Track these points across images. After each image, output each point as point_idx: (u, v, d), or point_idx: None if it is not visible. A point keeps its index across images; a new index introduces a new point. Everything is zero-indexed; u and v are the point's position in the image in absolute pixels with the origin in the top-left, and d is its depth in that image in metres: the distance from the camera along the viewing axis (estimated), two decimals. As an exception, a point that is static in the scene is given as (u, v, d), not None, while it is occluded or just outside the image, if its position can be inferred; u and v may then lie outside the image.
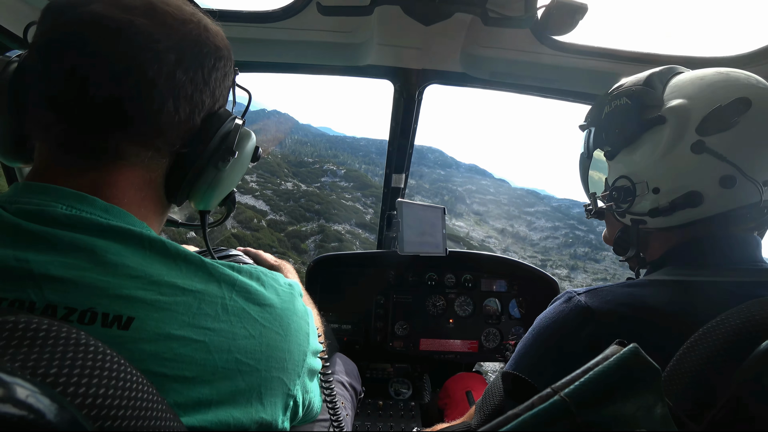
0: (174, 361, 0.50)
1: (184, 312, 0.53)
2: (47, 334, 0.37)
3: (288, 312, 0.65)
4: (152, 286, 0.52)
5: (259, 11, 1.32)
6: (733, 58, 1.32)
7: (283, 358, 0.62)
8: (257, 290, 0.62)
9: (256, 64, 1.56)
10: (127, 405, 0.38)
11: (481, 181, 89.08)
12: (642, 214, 0.88)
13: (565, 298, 0.84)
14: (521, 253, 49.90)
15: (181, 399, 0.50)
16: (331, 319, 2.18)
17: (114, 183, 0.58)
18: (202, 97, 0.62)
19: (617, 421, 0.38)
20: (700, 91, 0.81)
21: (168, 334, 0.51)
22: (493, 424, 0.40)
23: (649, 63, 1.35)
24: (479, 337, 2.23)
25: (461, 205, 71.82)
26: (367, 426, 1.86)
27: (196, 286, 0.55)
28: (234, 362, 0.55)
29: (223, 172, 0.68)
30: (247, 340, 0.57)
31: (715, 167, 0.77)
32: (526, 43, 1.35)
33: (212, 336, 0.54)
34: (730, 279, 0.77)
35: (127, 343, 0.48)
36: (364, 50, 1.45)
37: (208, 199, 0.71)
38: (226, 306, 0.57)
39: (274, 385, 0.60)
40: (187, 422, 0.49)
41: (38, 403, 0.29)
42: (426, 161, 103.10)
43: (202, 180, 0.67)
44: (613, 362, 0.39)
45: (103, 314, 0.48)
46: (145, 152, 0.60)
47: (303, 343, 0.68)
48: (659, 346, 0.59)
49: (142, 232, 0.56)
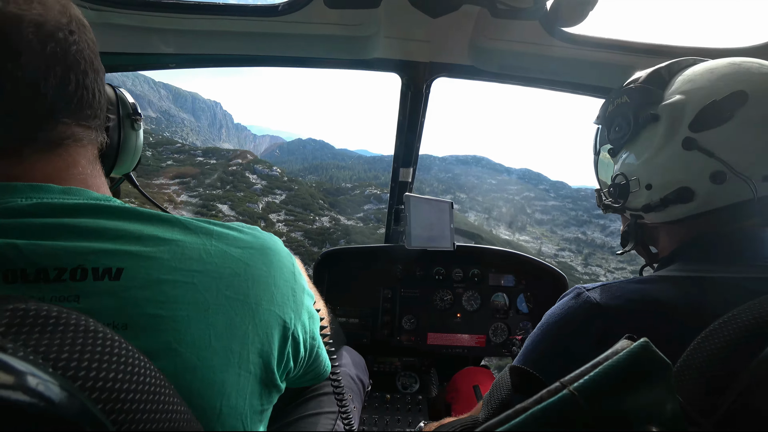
0: (167, 303, 0.53)
1: (170, 258, 0.55)
2: (57, 321, 0.37)
3: (269, 251, 0.67)
4: (135, 241, 0.55)
5: (266, 5, 1.32)
6: (752, 49, 1.28)
7: (271, 292, 0.64)
8: (236, 236, 0.64)
9: (263, 58, 1.56)
10: (136, 389, 0.39)
11: (538, 186, 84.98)
12: (637, 209, 0.92)
13: (575, 294, 0.84)
14: (606, 266, 46.53)
15: (180, 336, 0.53)
16: (338, 313, 2.19)
17: (76, 163, 0.61)
18: (102, 74, 0.65)
19: (627, 415, 0.37)
20: (701, 84, 0.81)
21: (158, 278, 0.53)
22: (502, 417, 0.40)
23: (663, 55, 1.32)
24: (487, 332, 2.22)
25: (522, 216, 68.96)
26: (375, 419, 1.87)
27: (176, 236, 0.58)
28: (224, 298, 0.57)
29: (140, 133, 0.78)
30: (233, 278, 0.59)
31: (706, 163, 0.78)
32: (536, 35, 1.33)
33: (199, 277, 0.56)
34: (742, 275, 0.76)
35: (121, 292, 0.50)
36: (371, 43, 1.44)
37: (133, 162, 0.80)
38: (208, 250, 0.59)
39: (266, 317, 0.62)
40: (189, 358, 0.52)
41: (48, 391, 0.29)
42: (473, 172, 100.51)
43: (128, 145, 0.75)
44: (624, 356, 0.39)
45: (93, 269, 0.50)
46: (88, 132, 0.63)
47: (290, 279, 0.69)
48: (669, 341, 0.58)
49: (108, 203, 0.58)
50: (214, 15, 1.33)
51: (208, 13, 1.32)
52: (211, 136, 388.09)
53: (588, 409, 0.37)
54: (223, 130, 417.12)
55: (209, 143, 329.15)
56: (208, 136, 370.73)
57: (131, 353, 0.41)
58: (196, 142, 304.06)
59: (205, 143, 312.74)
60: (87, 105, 0.61)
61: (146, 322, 0.51)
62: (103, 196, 0.61)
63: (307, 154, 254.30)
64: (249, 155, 72.44)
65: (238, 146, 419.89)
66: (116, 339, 0.41)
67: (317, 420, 1.29)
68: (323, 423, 1.29)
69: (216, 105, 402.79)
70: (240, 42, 1.47)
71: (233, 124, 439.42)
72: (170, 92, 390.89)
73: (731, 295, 0.70)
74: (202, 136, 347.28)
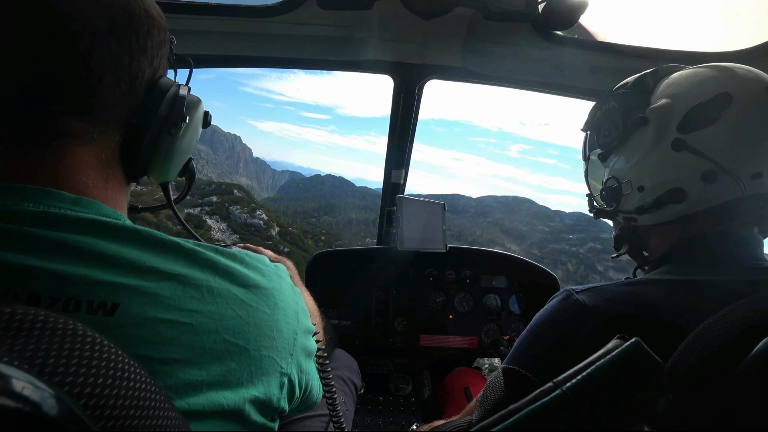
0: (162, 344, 0.50)
1: (169, 295, 0.52)
2: (44, 325, 0.36)
3: (274, 291, 0.65)
4: (134, 273, 0.52)
5: (259, 5, 1.32)
6: (739, 53, 1.30)
7: (272, 337, 0.61)
8: (241, 272, 0.61)
9: (256, 58, 1.56)
10: (125, 395, 0.38)
11: (601, 235, 69.09)
12: (630, 212, 0.93)
13: (564, 296, 0.84)
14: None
15: (171, 381, 0.50)
16: (330, 315, 2.18)
17: (73, 167, 0.57)
18: (141, 66, 0.61)
19: (619, 414, 0.38)
20: (687, 88, 0.84)
21: (154, 318, 0.50)
22: (495, 418, 0.40)
23: (653, 59, 1.34)
24: (479, 334, 2.23)
25: (594, 275, 59.01)
26: (368, 421, 1.86)
27: (179, 270, 0.55)
28: (222, 343, 0.54)
29: (177, 139, 0.67)
30: (234, 321, 0.57)
31: (696, 163, 0.80)
32: (528, 37, 1.34)
33: (199, 318, 0.53)
34: (730, 277, 0.77)
35: (114, 329, 0.48)
36: (363, 45, 1.44)
37: (167, 170, 0.69)
38: (212, 288, 0.56)
39: (265, 364, 0.59)
40: (179, 405, 0.49)
41: (34, 395, 0.29)
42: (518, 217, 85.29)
43: (157, 149, 0.66)
44: (616, 356, 0.39)
45: (87, 302, 0.48)
46: (93, 128, 0.58)
47: (292, 321, 0.67)
48: (658, 343, 0.59)
49: (115, 223, 0.55)
50: (206, 15, 1.32)
51: (199, 14, 1.31)
52: (229, 169, 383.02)
53: (581, 409, 0.37)
54: (241, 163, 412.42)
55: (225, 177, 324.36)
56: (224, 170, 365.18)
57: (120, 357, 0.40)
58: (211, 174, 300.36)
59: (221, 177, 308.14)
60: (88, 95, 0.56)
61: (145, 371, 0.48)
62: (113, 212, 0.58)
63: (325, 192, 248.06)
64: (237, 191, 68.87)
65: (255, 181, 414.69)
66: (105, 343, 0.40)
67: (310, 423, 1.29)
68: (315, 426, 1.29)
69: (235, 138, 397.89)
70: (232, 42, 1.46)
71: (252, 158, 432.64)
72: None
73: (720, 297, 0.70)
74: (218, 169, 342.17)
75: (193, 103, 0.71)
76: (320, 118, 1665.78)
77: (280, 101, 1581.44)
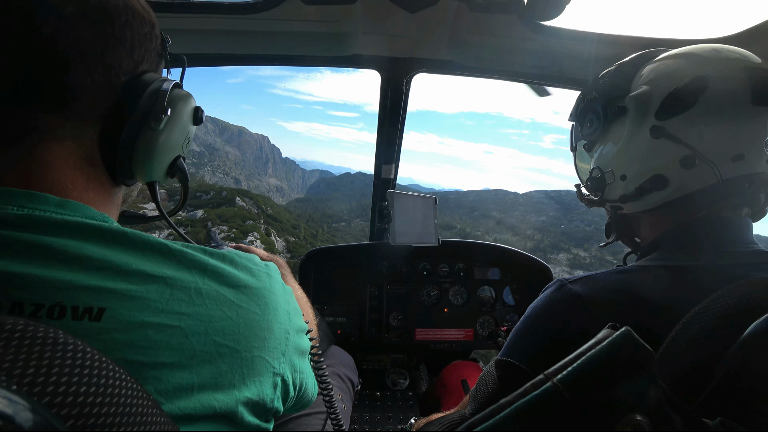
0: (150, 348, 0.49)
1: (156, 299, 0.51)
2: (23, 335, 0.35)
3: (265, 291, 0.63)
4: (120, 276, 0.50)
5: (243, 2, 1.29)
6: (732, 37, 1.28)
7: (263, 337, 0.60)
8: (230, 272, 0.60)
9: (243, 56, 1.54)
10: (110, 402, 0.37)
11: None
12: (615, 201, 0.94)
13: (557, 286, 0.84)
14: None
15: (161, 386, 0.49)
16: (325, 313, 2.18)
17: (47, 164, 0.55)
18: (117, 56, 0.58)
19: (611, 404, 0.38)
20: (665, 74, 0.83)
21: (141, 321, 0.49)
22: (486, 412, 0.40)
23: (642, 47, 1.33)
24: (474, 326, 2.24)
25: (564, 238, 56.85)
26: (365, 417, 1.86)
27: (166, 272, 0.53)
28: (212, 345, 0.53)
29: (159, 133, 0.64)
30: (224, 322, 0.55)
31: (675, 150, 0.80)
32: (514, 28, 1.33)
33: (187, 320, 0.52)
34: (721, 262, 0.77)
35: (100, 334, 0.47)
36: (349, 40, 1.43)
37: (150, 167, 0.66)
38: (200, 290, 0.55)
39: (257, 364, 0.58)
40: (170, 409, 0.48)
41: (9, 409, 0.28)
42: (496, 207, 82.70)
43: (137, 144, 0.63)
44: (606, 346, 0.39)
45: (72, 307, 0.47)
46: (66, 122, 0.56)
47: (284, 320, 0.66)
48: (651, 330, 0.59)
49: (101, 225, 0.53)
50: (190, 13, 1.30)
51: (183, 12, 1.29)
52: (257, 170, 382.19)
53: (572, 400, 0.37)
54: (269, 164, 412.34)
55: (254, 178, 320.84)
56: (252, 171, 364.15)
57: (105, 364, 0.39)
58: (240, 176, 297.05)
59: (249, 178, 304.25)
60: (56, 85, 0.54)
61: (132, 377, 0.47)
62: (100, 215, 0.57)
63: (356, 191, 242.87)
64: (240, 199, 66.01)
65: (284, 181, 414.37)
66: (88, 350, 0.39)
67: (307, 421, 1.29)
68: (313, 424, 1.29)
69: (263, 139, 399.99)
70: (218, 40, 1.44)
71: (281, 159, 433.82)
72: (217, 126, 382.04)
73: (711, 282, 0.71)
74: (247, 171, 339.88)
75: (178, 97, 0.68)
76: (349, 116, 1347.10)
77: (308, 101, 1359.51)
